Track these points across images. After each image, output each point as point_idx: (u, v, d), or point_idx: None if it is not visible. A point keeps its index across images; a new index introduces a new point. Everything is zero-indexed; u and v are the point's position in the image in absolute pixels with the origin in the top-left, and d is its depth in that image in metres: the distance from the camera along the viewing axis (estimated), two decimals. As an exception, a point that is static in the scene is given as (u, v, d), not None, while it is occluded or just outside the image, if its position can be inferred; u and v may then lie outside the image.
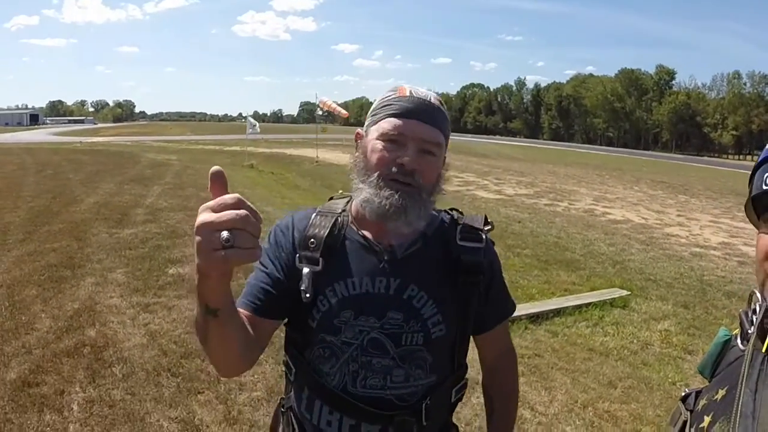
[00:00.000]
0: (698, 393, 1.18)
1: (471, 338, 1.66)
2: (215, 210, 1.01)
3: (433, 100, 1.50)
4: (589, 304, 6.99)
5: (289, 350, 1.60)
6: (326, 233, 1.51)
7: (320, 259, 1.48)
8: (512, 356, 1.82)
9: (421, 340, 1.48)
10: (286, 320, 1.58)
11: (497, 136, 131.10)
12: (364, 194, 1.45)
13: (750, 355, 1.02)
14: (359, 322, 1.47)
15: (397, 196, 1.41)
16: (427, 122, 1.46)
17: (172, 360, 4.91)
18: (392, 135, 1.44)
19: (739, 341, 1.12)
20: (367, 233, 1.53)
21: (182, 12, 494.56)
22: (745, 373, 0.99)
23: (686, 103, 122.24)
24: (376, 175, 1.44)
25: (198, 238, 1.01)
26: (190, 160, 26.43)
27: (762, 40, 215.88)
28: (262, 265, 1.55)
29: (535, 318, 6.38)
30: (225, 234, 0.99)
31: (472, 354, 1.67)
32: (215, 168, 1.05)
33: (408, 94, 1.49)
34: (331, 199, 1.67)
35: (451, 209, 1.66)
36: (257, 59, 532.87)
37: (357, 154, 1.54)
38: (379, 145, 1.45)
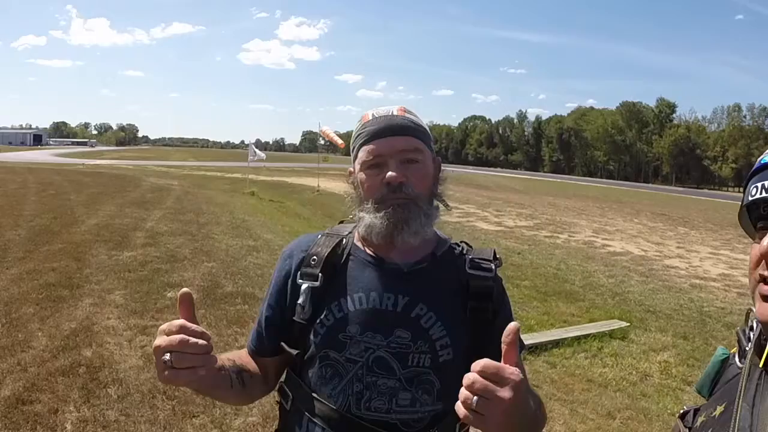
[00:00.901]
0: (696, 410, 1.17)
1: None
2: (166, 333, 1.18)
3: (395, 112, 1.51)
4: (588, 335, 6.96)
5: (287, 375, 1.57)
6: (328, 251, 1.52)
7: (320, 275, 1.49)
8: None
9: (428, 362, 1.43)
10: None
11: (498, 168, 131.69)
12: (365, 221, 1.46)
13: (747, 370, 1.02)
14: (365, 338, 1.43)
15: (391, 211, 1.42)
16: (397, 134, 1.46)
17: (168, 382, 4.87)
18: (370, 160, 1.46)
19: (737, 359, 1.12)
20: (373, 251, 1.53)
21: (188, 38, 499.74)
22: (743, 388, 0.99)
23: (686, 135, 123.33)
24: (371, 201, 1.45)
25: (154, 358, 1.18)
26: (191, 185, 26.54)
27: (762, 73, 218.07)
28: (267, 299, 1.61)
29: (534, 349, 6.34)
30: (167, 356, 1.15)
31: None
32: (183, 291, 1.25)
33: (371, 117, 1.51)
34: (342, 222, 1.68)
35: (461, 242, 1.63)
36: (261, 87, 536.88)
37: (351, 191, 1.56)
38: (363, 175, 1.48)
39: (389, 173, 1.42)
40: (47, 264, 8.65)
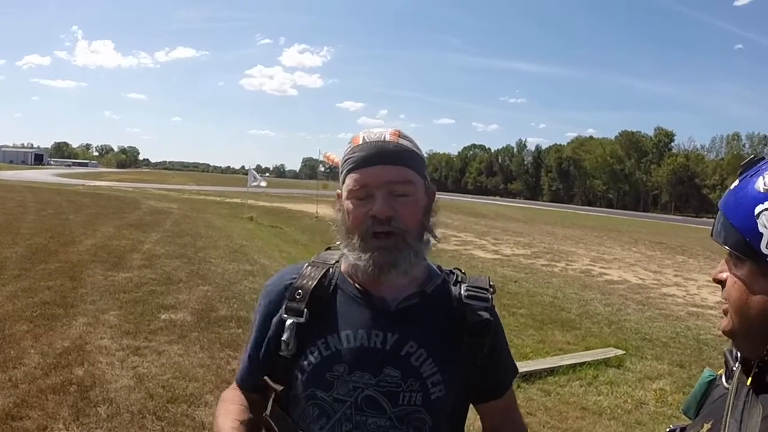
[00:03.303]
0: (683, 429, 1.18)
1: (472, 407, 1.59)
2: None
3: (389, 137, 1.43)
4: (584, 363, 6.92)
5: (273, 409, 1.49)
6: (314, 284, 1.47)
7: (305, 310, 1.43)
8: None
9: (419, 401, 1.39)
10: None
11: (497, 197, 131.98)
12: (350, 259, 1.42)
13: (735, 388, 1.04)
14: (353, 378, 1.38)
15: (377, 254, 1.36)
16: (388, 163, 1.39)
17: (159, 404, 4.85)
18: (356, 190, 1.38)
19: (723, 380, 1.14)
20: (361, 286, 1.47)
21: (192, 63, 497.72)
22: (731, 405, 1.01)
23: (685, 164, 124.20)
24: (356, 237, 1.39)
25: None
26: (190, 209, 26.55)
27: (761, 102, 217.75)
28: (253, 333, 1.57)
29: (528, 377, 6.29)
30: None
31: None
32: None
33: (361, 141, 1.43)
34: (329, 249, 1.62)
35: (455, 269, 1.58)
36: (263, 113, 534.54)
37: (338, 217, 1.48)
38: (350, 204, 1.40)
39: (376, 207, 1.35)
40: (43, 282, 8.65)
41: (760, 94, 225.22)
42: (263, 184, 27.89)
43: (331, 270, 1.51)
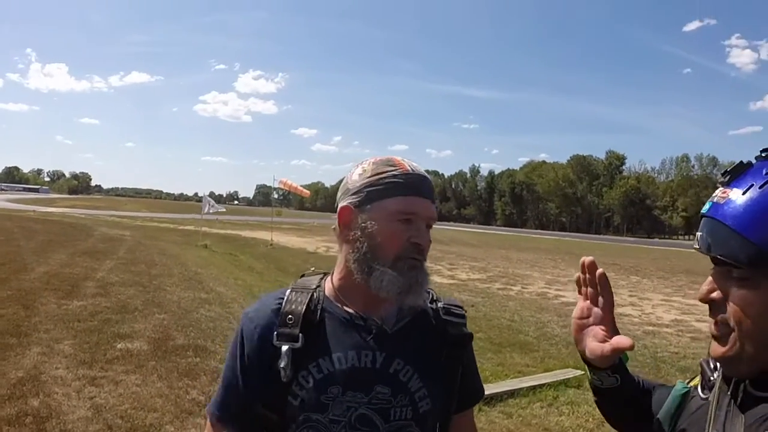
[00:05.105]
0: None
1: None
2: None
3: (423, 173, 1.53)
4: (543, 384, 6.98)
5: None
6: (304, 308, 1.46)
7: (300, 335, 1.43)
8: None
9: (409, 415, 1.43)
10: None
11: (451, 222, 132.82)
12: (387, 276, 1.41)
13: (716, 398, 1.06)
14: (347, 398, 1.40)
15: (414, 273, 1.43)
16: (430, 198, 1.49)
17: (117, 435, 4.75)
18: (407, 215, 1.43)
19: (699, 390, 1.15)
20: (349, 308, 1.49)
21: (146, 88, 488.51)
22: (712, 416, 1.03)
23: (636, 186, 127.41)
24: (394, 256, 1.42)
25: None
26: (143, 236, 26.19)
27: (709, 124, 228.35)
28: (234, 364, 1.50)
29: (489, 400, 6.30)
30: None
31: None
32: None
33: (410, 169, 1.48)
34: (303, 276, 1.63)
35: (428, 288, 1.60)
36: (216, 139, 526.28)
37: (357, 234, 1.45)
38: (392, 226, 1.43)
39: (424, 238, 1.45)
40: (-6, 311, 8.41)
41: (707, 117, 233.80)
42: (221, 209, 27.65)
43: (315, 294, 1.52)
